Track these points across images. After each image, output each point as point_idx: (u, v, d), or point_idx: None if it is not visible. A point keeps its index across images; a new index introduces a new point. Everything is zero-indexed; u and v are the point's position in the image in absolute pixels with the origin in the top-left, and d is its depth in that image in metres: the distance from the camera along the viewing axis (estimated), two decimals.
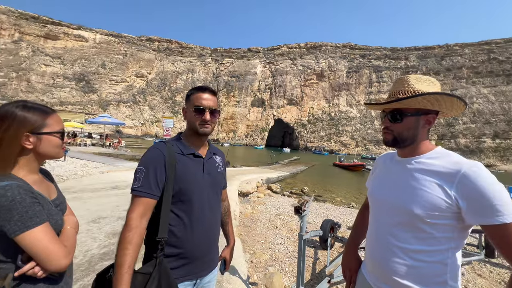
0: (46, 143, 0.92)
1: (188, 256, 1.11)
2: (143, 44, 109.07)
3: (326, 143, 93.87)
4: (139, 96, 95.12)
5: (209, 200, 1.20)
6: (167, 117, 10.82)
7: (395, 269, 0.94)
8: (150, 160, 1.07)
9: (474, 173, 0.83)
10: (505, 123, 79.28)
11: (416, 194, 0.91)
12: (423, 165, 0.95)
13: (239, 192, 8.24)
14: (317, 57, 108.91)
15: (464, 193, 0.84)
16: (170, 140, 1.20)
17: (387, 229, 0.99)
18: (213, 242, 1.24)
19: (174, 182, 1.08)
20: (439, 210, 0.87)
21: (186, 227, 1.10)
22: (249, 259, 3.64)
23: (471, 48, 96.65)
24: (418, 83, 0.96)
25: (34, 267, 0.81)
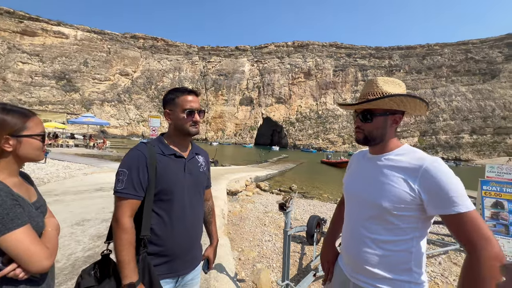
0: (26, 146, 0.92)
1: (169, 254, 1.14)
2: (128, 42, 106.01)
3: (314, 141, 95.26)
4: (124, 95, 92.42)
5: (190, 200, 1.21)
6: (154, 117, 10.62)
7: (367, 259, 1.00)
8: (132, 161, 1.09)
9: (434, 168, 0.90)
10: (481, 120, 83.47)
11: (384, 189, 0.98)
12: (391, 161, 1.02)
13: (228, 191, 8.25)
14: (304, 56, 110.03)
15: (425, 186, 0.90)
16: (151, 141, 1.21)
17: (359, 222, 1.05)
18: (195, 240, 1.26)
19: (156, 182, 1.10)
20: (404, 203, 0.93)
21: (167, 226, 1.13)
22: (237, 256, 3.68)
23: (450, 48, 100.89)
24: (386, 85, 1.02)
25: (16, 268, 0.81)
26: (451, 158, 74.98)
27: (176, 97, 1.21)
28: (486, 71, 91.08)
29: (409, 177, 0.95)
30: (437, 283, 3.39)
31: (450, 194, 0.86)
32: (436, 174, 0.89)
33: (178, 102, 1.20)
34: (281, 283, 2.38)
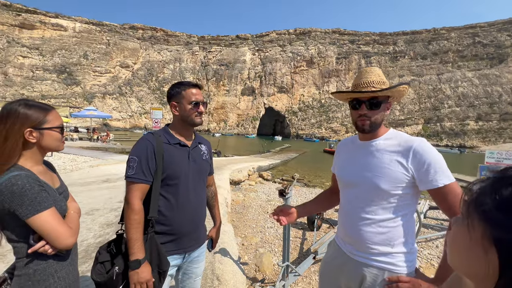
0: (47, 137, 1.01)
1: (175, 233, 1.27)
2: (127, 33, 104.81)
3: (317, 130, 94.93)
4: (125, 88, 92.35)
5: (194, 185, 1.33)
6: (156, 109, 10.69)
7: (368, 238, 1.09)
8: (141, 149, 1.21)
9: (422, 148, 1.02)
10: (487, 106, 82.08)
11: (381, 172, 1.06)
12: (382, 145, 1.11)
13: (231, 181, 8.40)
14: (306, 44, 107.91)
15: (416, 164, 1.01)
16: (157, 131, 1.32)
17: (358, 205, 1.13)
18: (199, 221, 1.40)
19: (162, 169, 1.22)
20: (400, 183, 1.03)
21: (173, 208, 1.26)
22: (241, 242, 3.84)
23: (457, 32, 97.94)
24: (382, 75, 1.13)
25: (45, 245, 0.93)
26: (456, 145, 74.36)
27: (183, 90, 1.31)
28: (494, 56, 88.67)
29: (402, 158, 1.04)
30: (433, 264, 3.52)
31: (437, 169, 0.98)
32: (424, 152, 1.01)
33: (185, 94, 1.30)
34: (281, 265, 2.52)
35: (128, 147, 18.49)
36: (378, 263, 1.07)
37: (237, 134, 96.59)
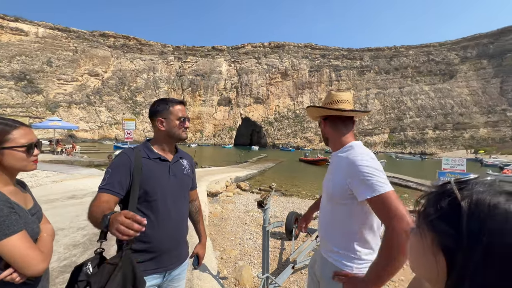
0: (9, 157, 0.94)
1: (155, 250, 1.23)
2: (97, 40, 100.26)
3: (293, 140, 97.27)
4: (94, 97, 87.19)
5: (174, 200, 1.32)
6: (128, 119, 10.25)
7: (327, 237, 1.27)
8: (117, 163, 1.22)
9: (354, 162, 1.10)
10: (442, 116, 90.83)
11: (332, 181, 1.22)
12: (337, 157, 1.26)
13: (208, 193, 8.26)
14: (280, 56, 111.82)
15: (350, 176, 1.11)
16: (138, 146, 1.32)
17: (324, 210, 1.34)
18: (180, 238, 1.37)
19: (140, 184, 1.20)
20: (342, 192, 1.14)
21: (153, 225, 1.22)
22: (219, 256, 3.77)
23: (414, 50, 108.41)
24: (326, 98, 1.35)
25: (12, 273, 0.85)
26: (418, 153, 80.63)
27: (170, 106, 1.34)
28: (446, 72, 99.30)
29: (343, 170, 1.16)
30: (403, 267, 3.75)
31: (363, 183, 1.05)
32: (355, 166, 1.08)
33: (173, 110, 1.34)
34: (261, 277, 2.53)
35: (97, 159, 17.34)
36: (335, 261, 1.20)
37: (214, 144, 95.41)
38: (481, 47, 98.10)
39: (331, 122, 1.31)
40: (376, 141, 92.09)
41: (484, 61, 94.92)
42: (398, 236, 0.94)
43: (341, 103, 1.26)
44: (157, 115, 1.34)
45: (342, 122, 1.29)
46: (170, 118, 1.33)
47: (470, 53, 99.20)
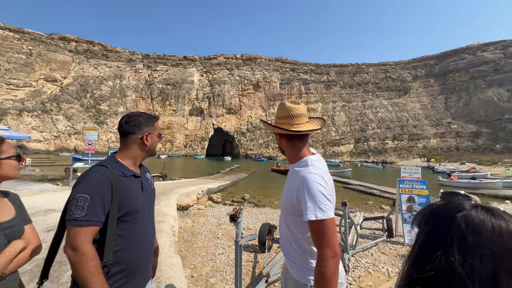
0: (6, 167, 1.00)
1: (130, 272, 1.16)
2: (56, 44, 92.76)
3: (265, 150, 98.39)
4: (50, 104, 79.45)
5: (149, 216, 1.31)
6: (90, 129, 9.48)
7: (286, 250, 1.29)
8: (96, 187, 1.07)
9: (305, 180, 1.09)
10: (399, 128, 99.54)
11: (285, 196, 1.23)
12: (292, 172, 1.25)
13: (178, 206, 7.89)
14: (252, 69, 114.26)
15: (299, 193, 1.10)
16: (108, 162, 1.20)
17: (281, 222, 1.35)
18: (151, 255, 1.36)
19: (119, 206, 1.11)
20: (293, 208, 1.16)
21: (129, 245, 1.16)
22: (190, 274, 3.58)
23: (373, 67, 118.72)
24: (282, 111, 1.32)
25: None
26: (380, 161, 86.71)
27: (155, 122, 1.36)
28: (401, 88, 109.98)
29: (295, 186, 1.15)
30: (370, 272, 3.91)
31: (307, 205, 1.04)
32: (305, 185, 1.07)
33: (156, 127, 1.35)
34: None
35: (51, 173, 15.64)
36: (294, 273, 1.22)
37: (185, 155, 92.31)
38: (428, 67, 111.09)
39: (286, 137, 1.29)
40: (343, 150, 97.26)
41: (431, 80, 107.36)
42: (326, 263, 0.98)
43: (296, 118, 1.22)
44: (144, 130, 1.29)
45: (298, 137, 1.26)
46: (154, 134, 1.33)
47: (420, 72, 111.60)
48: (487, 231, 0.43)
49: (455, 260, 0.43)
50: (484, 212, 0.46)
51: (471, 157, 71.60)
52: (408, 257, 0.51)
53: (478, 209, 0.47)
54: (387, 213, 7.04)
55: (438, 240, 0.46)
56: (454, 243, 0.44)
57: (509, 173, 34.43)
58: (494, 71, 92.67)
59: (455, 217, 0.46)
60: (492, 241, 0.42)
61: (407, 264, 0.51)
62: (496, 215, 0.45)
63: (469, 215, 0.46)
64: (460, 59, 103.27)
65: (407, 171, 6.06)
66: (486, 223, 0.44)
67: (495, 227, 0.43)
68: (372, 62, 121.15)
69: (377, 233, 5.84)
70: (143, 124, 1.29)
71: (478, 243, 0.43)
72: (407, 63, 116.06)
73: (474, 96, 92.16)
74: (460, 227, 0.45)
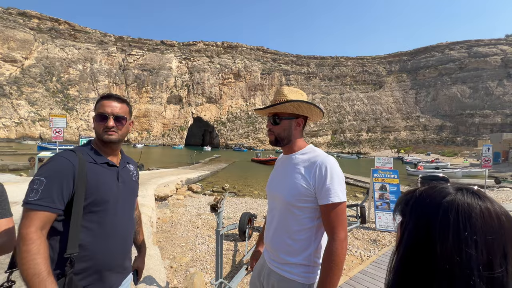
0: None
1: (100, 269, 1.06)
2: (14, 19, 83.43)
3: (245, 140, 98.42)
4: (10, 87, 72.06)
5: (123, 209, 1.17)
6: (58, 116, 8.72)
7: (279, 247, 1.17)
8: (55, 170, 0.98)
9: (325, 165, 1.09)
10: (373, 121, 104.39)
11: (288, 185, 1.15)
12: (296, 159, 1.19)
13: (156, 197, 7.70)
14: (233, 57, 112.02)
15: (317, 179, 1.08)
16: (79, 148, 1.13)
17: (275, 216, 1.22)
18: (127, 251, 1.23)
19: (86, 194, 1.02)
20: (302, 195, 1.10)
21: (98, 239, 1.05)
22: (169, 264, 3.54)
23: (352, 61, 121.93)
24: (290, 93, 1.21)
25: None
26: (355, 152, 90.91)
27: (97, 101, 1.19)
28: (376, 82, 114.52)
29: (306, 173, 1.12)
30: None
31: (329, 187, 1.06)
32: (326, 170, 1.08)
33: (96, 107, 1.18)
34: (214, 283, 2.46)
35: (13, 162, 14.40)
36: (284, 271, 1.14)
37: (163, 144, 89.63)
38: (402, 63, 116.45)
39: (301, 123, 1.24)
40: (321, 142, 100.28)
41: (404, 75, 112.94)
42: (342, 244, 1.03)
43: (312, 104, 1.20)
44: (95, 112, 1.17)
45: (305, 124, 1.27)
46: (95, 116, 1.16)
47: (394, 67, 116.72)
48: (477, 216, 0.42)
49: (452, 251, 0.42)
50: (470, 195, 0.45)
51: (435, 149, 77.51)
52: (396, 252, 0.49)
53: (463, 193, 0.46)
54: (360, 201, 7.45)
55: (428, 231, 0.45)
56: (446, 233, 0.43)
57: (466, 163, 37.87)
58: (459, 69, 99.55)
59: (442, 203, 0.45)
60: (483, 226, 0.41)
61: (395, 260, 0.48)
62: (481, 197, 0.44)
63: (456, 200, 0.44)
64: (430, 56, 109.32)
65: (380, 161, 6.40)
66: (475, 207, 0.43)
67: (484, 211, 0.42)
68: (351, 56, 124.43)
69: (351, 219, 6.16)
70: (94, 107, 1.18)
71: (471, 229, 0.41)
72: (383, 58, 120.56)
73: (441, 92, 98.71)
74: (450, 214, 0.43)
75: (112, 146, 1.19)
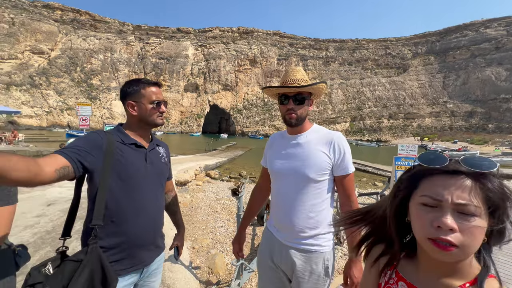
0: None
1: (131, 246, 1.11)
2: (39, 12, 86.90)
3: (261, 128, 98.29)
4: (39, 78, 76.31)
5: (152, 189, 1.21)
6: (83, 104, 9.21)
7: (299, 223, 1.20)
8: (86, 139, 1.06)
9: (340, 140, 1.22)
10: (396, 107, 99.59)
11: (308, 162, 1.20)
12: (309, 138, 1.25)
13: (177, 182, 7.99)
14: (249, 43, 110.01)
15: (335, 153, 1.20)
16: (110, 130, 1.20)
17: (289, 194, 1.23)
18: (157, 230, 1.27)
19: (112, 170, 1.07)
20: (324, 170, 1.19)
21: (128, 216, 1.11)
22: (191, 245, 3.70)
23: (374, 43, 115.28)
24: (304, 73, 1.27)
25: None
26: (374, 140, 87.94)
27: (142, 88, 1.21)
28: (400, 65, 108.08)
29: (325, 149, 1.20)
30: None
31: (348, 159, 1.21)
32: (342, 144, 1.21)
33: (144, 93, 1.20)
34: (235, 264, 2.54)
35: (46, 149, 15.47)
36: (307, 246, 1.19)
37: (181, 132, 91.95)
38: (429, 44, 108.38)
39: (313, 101, 1.31)
40: (339, 129, 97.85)
41: (431, 57, 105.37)
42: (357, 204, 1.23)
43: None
44: (127, 98, 1.20)
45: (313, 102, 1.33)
46: (142, 102, 1.20)
47: (420, 49, 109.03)
48: None
49: None
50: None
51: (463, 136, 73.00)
52: None
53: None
54: (380, 189, 7.26)
55: None
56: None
57: (498, 152, 35.39)
58: (495, 49, 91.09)
59: None
60: None
61: None
62: None
63: None
64: (462, 36, 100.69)
65: (404, 149, 6.13)
66: None
67: None
68: (373, 38, 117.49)
69: None
70: (127, 92, 1.21)
71: None
72: (408, 39, 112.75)
73: (473, 75, 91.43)
74: None
75: (148, 129, 1.28)
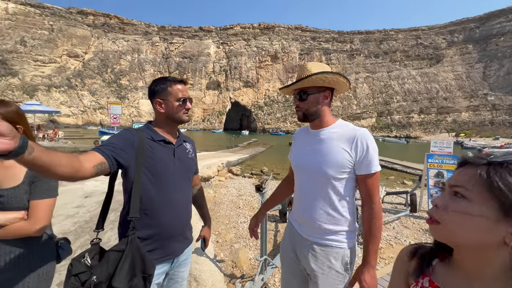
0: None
1: (164, 237, 1.20)
2: (74, 18, 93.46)
3: (283, 124, 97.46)
4: (75, 80, 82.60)
5: (180, 183, 1.28)
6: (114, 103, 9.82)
7: (319, 218, 1.21)
8: (120, 135, 1.14)
9: (364, 137, 1.15)
10: (427, 101, 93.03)
11: (327, 158, 1.18)
12: (330, 134, 1.22)
13: (200, 177, 8.21)
14: (270, 38, 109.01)
15: (358, 151, 1.15)
16: (139, 127, 1.26)
17: (310, 189, 1.25)
18: (186, 222, 1.35)
19: (144, 165, 1.14)
20: (344, 168, 1.15)
21: (160, 209, 1.18)
22: (215, 239, 3.80)
23: (403, 33, 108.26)
24: (313, 67, 1.20)
25: None
26: (403, 136, 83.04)
27: (169, 86, 1.25)
28: (433, 56, 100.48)
29: (346, 146, 1.16)
30: (391, 244, 3.92)
31: (373, 158, 1.14)
32: (366, 142, 1.14)
33: (171, 91, 1.25)
34: (259, 259, 2.56)
35: (82, 145, 16.75)
36: (327, 241, 1.20)
37: (203, 129, 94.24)
38: (467, 31, 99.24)
39: (329, 94, 1.26)
40: (364, 125, 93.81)
41: (470, 46, 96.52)
42: (380, 206, 1.16)
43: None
44: (155, 96, 1.26)
45: (332, 96, 1.28)
46: (169, 99, 1.25)
47: (456, 37, 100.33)
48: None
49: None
50: None
51: (506, 132, 66.38)
52: None
53: None
54: (409, 188, 6.86)
55: None
56: None
57: None
58: None
59: None
60: None
61: None
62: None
63: None
64: (506, 21, 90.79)
65: (437, 145, 5.72)
66: None
67: None
68: (402, 28, 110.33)
69: (399, 207, 5.74)
70: (155, 91, 1.26)
71: None
72: (443, 27, 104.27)
73: None
74: None
75: (176, 126, 1.34)
